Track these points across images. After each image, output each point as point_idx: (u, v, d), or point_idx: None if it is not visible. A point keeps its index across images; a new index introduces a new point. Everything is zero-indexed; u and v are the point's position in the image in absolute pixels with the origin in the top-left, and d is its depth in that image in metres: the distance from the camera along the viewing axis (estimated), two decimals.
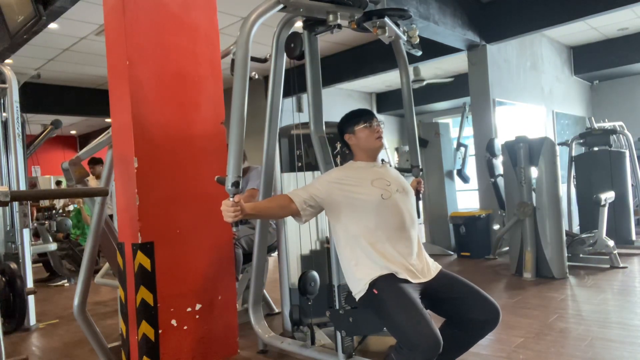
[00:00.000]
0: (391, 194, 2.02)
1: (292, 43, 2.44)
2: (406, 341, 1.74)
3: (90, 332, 2.67)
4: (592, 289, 4.03)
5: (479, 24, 6.00)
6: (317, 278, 2.56)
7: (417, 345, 1.69)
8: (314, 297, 2.54)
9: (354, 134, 2.14)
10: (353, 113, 2.21)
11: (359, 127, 2.13)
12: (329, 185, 2.04)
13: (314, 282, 2.54)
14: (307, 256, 2.92)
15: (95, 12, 4.96)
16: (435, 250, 6.13)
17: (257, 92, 8.28)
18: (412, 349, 1.70)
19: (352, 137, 2.16)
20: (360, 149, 2.15)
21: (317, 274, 2.57)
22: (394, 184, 2.07)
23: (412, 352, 1.70)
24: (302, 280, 2.52)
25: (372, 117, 2.16)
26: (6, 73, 3.83)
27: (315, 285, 2.54)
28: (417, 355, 1.69)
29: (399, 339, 1.80)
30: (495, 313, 1.91)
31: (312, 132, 2.45)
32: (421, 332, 1.70)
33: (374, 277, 1.94)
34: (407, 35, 2.47)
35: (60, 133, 12.12)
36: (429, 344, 1.67)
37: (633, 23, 7.13)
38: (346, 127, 2.17)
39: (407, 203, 2.08)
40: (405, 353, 1.73)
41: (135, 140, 2.50)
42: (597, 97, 9.16)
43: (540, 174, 4.55)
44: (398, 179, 2.14)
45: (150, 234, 2.51)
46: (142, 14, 2.58)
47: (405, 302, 1.82)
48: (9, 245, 3.85)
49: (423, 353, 1.68)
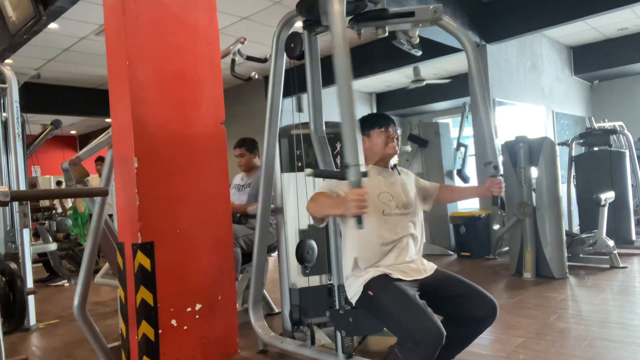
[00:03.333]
0: (391, 211, 2.01)
1: (292, 43, 2.44)
2: (409, 337, 1.73)
3: (90, 332, 2.67)
4: (592, 289, 4.03)
5: (479, 24, 6.00)
6: (314, 246, 2.52)
7: (420, 339, 1.68)
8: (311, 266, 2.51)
9: (369, 136, 2.12)
10: (372, 115, 2.19)
11: (375, 131, 2.11)
12: None
13: (311, 250, 2.51)
14: (305, 230, 2.89)
15: (95, 12, 4.97)
16: (435, 250, 6.13)
17: (257, 92, 8.29)
18: (416, 343, 1.69)
19: (366, 140, 2.13)
20: (373, 153, 2.13)
21: (314, 243, 2.54)
22: (395, 199, 2.04)
23: (416, 347, 1.69)
24: (300, 248, 2.50)
25: (390, 123, 2.14)
26: (6, 73, 3.82)
27: (312, 254, 2.50)
28: (421, 349, 1.68)
29: (400, 335, 1.80)
30: (492, 309, 1.91)
31: (312, 132, 2.45)
32: (423, 325, 1.70)
33: (367, 279, 1.95)
34: (407, 35, 2.47)
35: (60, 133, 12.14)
36: (433, 337, 1.67)
37: (633, 23, 7.13)
38: (362, 128, 2.13)
39: (407, 217, 2.05)
40: (409, 348, 1.72)
41: (135, 140, 2.50)
42: (597, 97, 9.16)
43: (540, 174, 4.55)
44: (402, 192, 2.10)
45: (150, 234, 2.51)
46: (142, 14, 2.58)
47: (403, 298, 1.82)
48: (9, 245, 3.85)
49: (427, 346, 1.67)
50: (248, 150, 3.74)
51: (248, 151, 3.74)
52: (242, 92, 8.51)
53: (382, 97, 10.81)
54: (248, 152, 3.74)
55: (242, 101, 8.58)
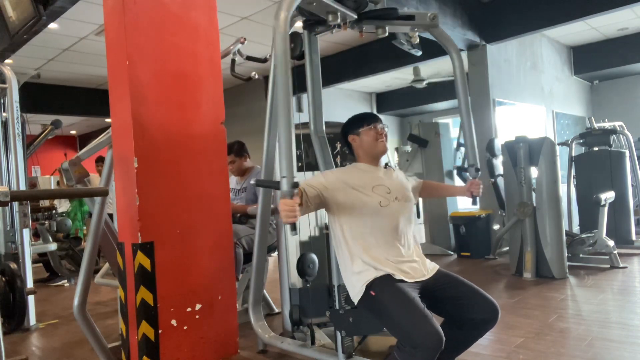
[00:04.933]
0: (389, 202, 2.02)
1: (292, 43, 2.44)
2: (408, 340, 1.73)
3: (90, 332, 2.67)
4: (592, 289, 4.03)
5: (479, 24, 6.00)
6: (315, 260, 2.53)
7: (419, 344, 1.69)
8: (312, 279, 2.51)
9: (359, 135, 2.14)
10: (359, 116, 2.20)
11: (364, 129, 2.13)
12: (337, 182, 2.04)
13: (312, 264, 2.51)
14: (306, 242, 2.89)
15: (95, 12, 4.97)
16: (435, 250, 6.13)
17: (257, 92, 8.30)
18: (415, 347, 1.70)
19: (356, 139, 2.15)
20: (363, 151, 2.15)
21: (315, 256, 2.54)
22: (394, 192, 2.06)
23: (415, 350, 1.69)
24: (301, 262, 2.50)
25: (378, 120, 2.15)
26: (6, 73, 3.82)
27: (313, 268, 2.51)
28: (420, 353, 1.68)
29: (400, 338, 1.80)
30: (494, 312, 1.91)
31: (312, 132, 2.45)
32: (423, 329, 1.70)
33: (369, 279, 1.94)
34: (407, 35, 2.47)
35: (60, 133, 12.12)
36: (432, 341, 1.67)
37: (633, 23, 7.13)
38: (351, 128, 2.16)
39: (404, 211, 2.08)
40: (408, 351, 1.72)
41: (135, 140, 2.50)
42: (597, 97, 9.16)
43: (540, 174, 4.55)
44: (399, 186, 2.13)
45: (150, 234, 2.51)
46: (142, 14, 2.58)
47: (404, 300, 1.82)
48: (9, 245, 3.85)
49: (426, 351, 1.67)
50: (237, 156, 3.67)
51: (237, 156, 3.67)
52: (242, 92, 8.51)
53: (382, 97, 10.81)
54: (238, 158, 3.68)
55: (242, 101, 8.58)
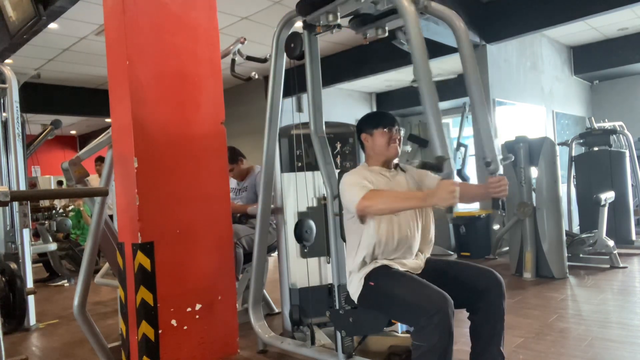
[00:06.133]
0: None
1: (292, 43, 2.44)
2: (421, 312, 1.71)
3: (90, 332, 2.67)
4: (592, 289, 4.03)
5: (479, 24, 6.00)
6: (313, 226, 2.52)
7: (429, 310, 1.68)
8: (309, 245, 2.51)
9: (372, 136, 2.12)
10: (376, 114, 2.19)
11: (378, 131, 2.10)
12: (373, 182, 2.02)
13: (309, 229, 2.51)
14: (304, 213, 2.88)
15: (95, 12, 4.96)
16: (436, 250, 6.05)
17: (257, 92, 8.29)
18: (430, 315, 1.67)
19: (368, 138, 2.14)
20: (374, 152, 2.13)
21: (313, 222, 2.53)
22: None
23: (430, 319, 1.67)
24: (299, 227, 2.50)
25: (394, 124, 2.13)
26: (6, 73, 3.82)
27: (311, 233, 2.50)
28: (437, 319, 1.66)
29: (410, 316, 1.81)
30: (493, 277, 1.91)
31: (312, 132, 2.45)
32: (429, 296, 1.71)
33: (367, 271, 1.97)
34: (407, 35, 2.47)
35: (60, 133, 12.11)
36: (441, 303, 1.67)
37: (633, 23, 7.13)
38: (365, 126, 2.14)
39: (414, 218, 2.05)
40: (426, 326, 1.68)
41: (135, 140, 2.50)
42: (597, 97, 9.15)
43: (540, 174, 4.55)
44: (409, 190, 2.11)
45: (150, 234, 2.51)
46: (142, 14, 2.58)
47: (403, 279, 1.85)
48: (9, 245, 3.85)
49: (438, 314, 1.66)
50: (232, 163, 3.61)
51: (232, 163, 3.62)
52: (242, 92, 8.50)
53: (382, 97, 10.80)
54: (234, 164, 3.64)
55: (242, 101, 8.58)
